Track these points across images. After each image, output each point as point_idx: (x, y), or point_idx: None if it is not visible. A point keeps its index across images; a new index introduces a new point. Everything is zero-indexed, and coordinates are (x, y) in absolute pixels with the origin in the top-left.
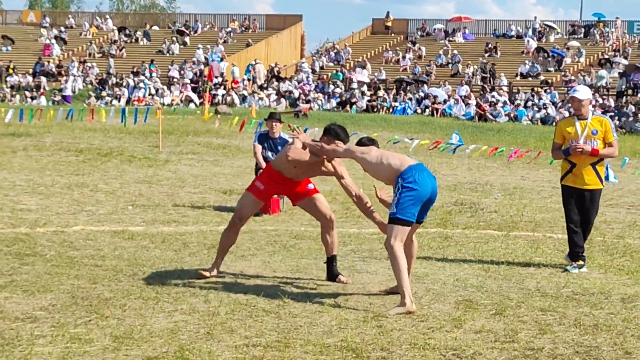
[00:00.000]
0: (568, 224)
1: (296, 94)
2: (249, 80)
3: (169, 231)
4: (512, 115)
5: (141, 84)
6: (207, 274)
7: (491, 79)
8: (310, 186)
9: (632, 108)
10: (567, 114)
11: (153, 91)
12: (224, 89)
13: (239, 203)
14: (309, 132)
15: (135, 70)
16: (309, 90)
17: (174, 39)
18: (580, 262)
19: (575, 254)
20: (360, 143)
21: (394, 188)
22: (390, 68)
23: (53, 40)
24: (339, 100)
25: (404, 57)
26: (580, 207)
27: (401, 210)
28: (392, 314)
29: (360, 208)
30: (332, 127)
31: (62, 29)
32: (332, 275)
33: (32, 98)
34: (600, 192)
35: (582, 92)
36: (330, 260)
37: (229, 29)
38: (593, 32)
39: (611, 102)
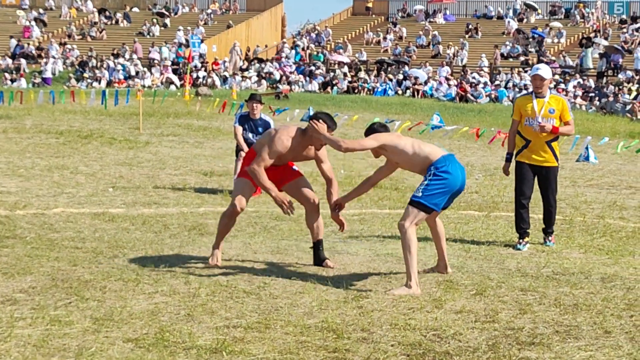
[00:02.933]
0: (518, 197)
1: (277, 75)
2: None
3: (149, 213)
4: (492, 96)
5: (119, 66)
6: (213, 262)
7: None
8: (295, 168)
9: (612, 89)
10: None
11: (133, 73)
12: (205, 70)
13: (235, 190)
14: (288, 114)
15: (115, 52)
16: (290, 72)
17: (154, 20)
18: (527, 239)
19: (523, 230)
20: (372, 129)
21: (425, 175)
22: (371, 49)
23: (33, 22)
24: (322, 80)
25: (384, 38)
26: (539, 185)
27: (427, 196)
28: (395, 294)
29: (328, 191)
30: (319, 115)
31: (42, 10)
32: (319, 260)
33: (12, 80)
34: (557, 170)
35: (545, 71)
36: (317, 245)
37: (210, 11)
38: (573, 13)
39: (591, 83)
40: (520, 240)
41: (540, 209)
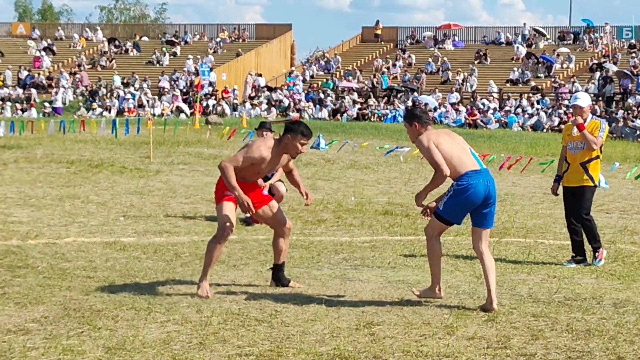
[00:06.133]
0: (566, 221)
1: (286, 103)
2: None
3: (160, 242)
4: (502, 121)
5: (129, 95)
6: (204, 294)
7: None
8: (265, 192)
9: (621, 113)
10: (557, 120)
11: (145, 102)
12: (215, 98)
13: (219, 215)
14: None
15: (125, 81)
16: (299, 100)
17: (164, 49)
18: (578, 258)
19: (573, 249)
20: (413, 115)
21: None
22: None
23: (43, 52)
24: (332, 108)
25: (394, 65)
26: (572, 204)
27: (444, 208)
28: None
29: (292, 180)
30: (294, 125)
31: (51, 40)
32: (280, 282)
33: (23, 110)
34: (591, 190)
35: (583, 100)
36: (279, 267)
37: (219, 39)
38: (582, 38)
39: (601, 108)
40: (570, 259)
41: (551, 234)
